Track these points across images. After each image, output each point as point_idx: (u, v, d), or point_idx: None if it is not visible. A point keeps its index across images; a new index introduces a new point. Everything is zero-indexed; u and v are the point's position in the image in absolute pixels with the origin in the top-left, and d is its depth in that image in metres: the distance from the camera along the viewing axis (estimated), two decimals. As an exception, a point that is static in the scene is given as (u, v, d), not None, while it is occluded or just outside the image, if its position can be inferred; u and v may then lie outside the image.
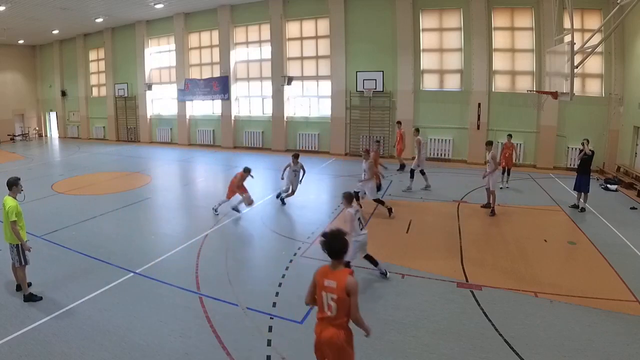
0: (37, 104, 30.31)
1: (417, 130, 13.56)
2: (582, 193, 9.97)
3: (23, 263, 5.66)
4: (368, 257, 6.34)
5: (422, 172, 12.30)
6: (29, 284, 5.84)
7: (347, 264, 5.58)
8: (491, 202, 9.86)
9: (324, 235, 3.51)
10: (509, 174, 12.69)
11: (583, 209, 9.95)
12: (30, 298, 5.64)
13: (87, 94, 27.47)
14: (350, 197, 6.06)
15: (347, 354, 3.34)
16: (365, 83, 17.57)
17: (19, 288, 5.83)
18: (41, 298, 5.68)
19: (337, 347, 3.30)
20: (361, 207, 7.67)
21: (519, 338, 4.79)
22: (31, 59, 29.57)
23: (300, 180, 10.63)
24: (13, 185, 5.75)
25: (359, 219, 6.08)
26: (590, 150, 9.96)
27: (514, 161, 13.20)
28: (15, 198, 5.70)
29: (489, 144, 10.34)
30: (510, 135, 12.84)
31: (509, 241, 8.01)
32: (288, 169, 10.41)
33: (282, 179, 10.52)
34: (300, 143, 19.91)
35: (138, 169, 16.34)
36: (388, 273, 6.42)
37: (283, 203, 10.59)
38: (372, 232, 8.50)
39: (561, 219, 9.46)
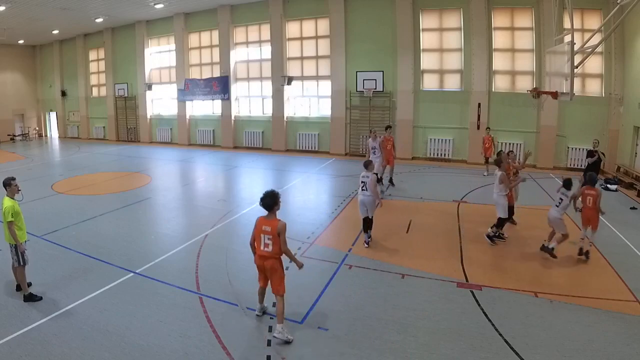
0: (37, 104, 30.32)
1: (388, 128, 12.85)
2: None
3: (22, 263, 5.66)
4: (369, 222, 7.82)
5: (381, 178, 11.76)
6: (29, 284, 5.84)
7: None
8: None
9: (263, 195, 4.93)
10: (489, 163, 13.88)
11: None
12: (30, 298, 5.64)
13: (87, 94, 27.47)
14: (369, 163, 7.91)
15: (281, 274, 4.98)
16: (365, 83, 17.57)
17: (18, 288, 5.83)
18: (41, 298, 5.68)
19: (275, 270, 4.88)
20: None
21: (519, 338, 4.79)
22: (31, 59, 29.58)
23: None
24: (7, 185, 5.73)
25: (363, 182, 7.67)
26: (602, 152, 9.97)
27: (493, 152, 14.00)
28: (12, 198, 5.69)
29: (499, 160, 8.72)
30: (488, 128, 14.58)
31: (509, 241, 8.01)
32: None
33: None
34: (300, 143, 19.91)
35: (138, 169, 16.33)
36: (368, 244, 7.74)
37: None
38: (372, 233, 8.51)
39: (561, 219, 9.44)
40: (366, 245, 7.76)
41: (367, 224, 7.79)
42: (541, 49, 14.90)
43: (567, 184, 7.21)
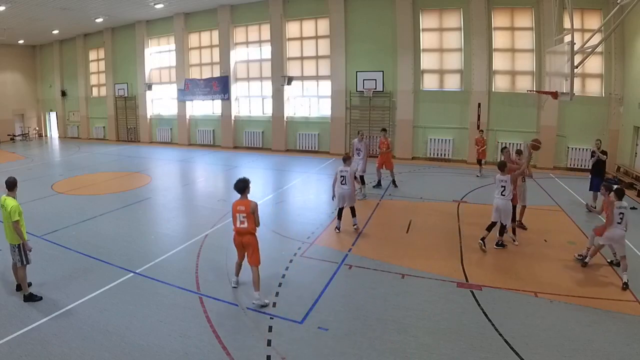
0: (37, 104, 30.31)
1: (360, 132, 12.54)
2: (598, 193, 9.98)
3: (25, 263, 5.67)
4: (352, 210, 8.53)
5: (362, 178, 11.53)
6: (29, 284, 5.84)
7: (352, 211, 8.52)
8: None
9: (235, 181, 5.78)
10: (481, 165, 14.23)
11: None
12: (31, 298, 5.64)
13: (87, 94, 27.47)
14: (348, 159, 8.53)
15: (256, 247, 5.70)
16: (365, 83, 17.57)
17: (19, 288, 5.83)
18: (41, 298, 5.69)
19: (251, 244, 5.66)
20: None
21: (519, 338, 4.79)
22: (31, 59, 29.58)
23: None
24: (14, 185, 5.77)
25: (342, 176, 8.26)
26: (602, 151, 10.00)
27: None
28: (14, 198, 5.71)
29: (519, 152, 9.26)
30: (481, 130, 14.64)
31: (509, 241, 8.00)
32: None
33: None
34: (300, 143, 19.90)
35: (138, 169, 16.33)
36: (358, 228, 8.48)
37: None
38: (372, 233, 8.54)
39: (561, 219, 9.46)
40: (337, 230, 8.45)
41: (352, 212, 8.57)
42: (541, 49, 14.90)
43: (620, 195, 6.41)
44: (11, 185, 5.78)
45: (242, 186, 5.72)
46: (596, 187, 9.87)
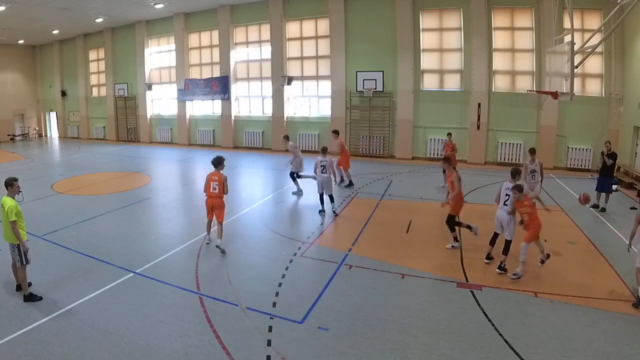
0: (37, 104, 30.31)
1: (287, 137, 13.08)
2: (604, 193, 10.04)
3: (24, 263, 5.66)
4: (330, 197, 9.67)
5: (298, 176, 12.04)
6: (29, 284, 5.84)
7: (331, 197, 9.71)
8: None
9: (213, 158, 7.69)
10: None
11: (604, 209, 10.00)
12: (30, 298, 5.64)
13: (87, 94, 27.47)
14: (324, 149, 10.06)
15: (223, 208, 7.67)
16: (365, 83, 17.57)
17: (19, 288, 5.83)
18: (41, 298, 5.68)
19: (220, 206, 7.58)
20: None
21: (519, 338, 4.79)
22: (31, 59, 29.57)
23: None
24: (9, 185, 5.73)
25: (322, 165, 9.56)
26: (611, 153, 10.02)
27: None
28: (13, 198, 5.69)
29: (533, 151, 9.48)
30: (450, 134, 13.50)
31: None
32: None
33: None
34: (301, 143, 19.87)
35: (138, 169, 16.33)
36: (336, 213, 9.50)
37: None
38: (372, 233, 8.54)
39: (561, 219, 9.45)
40: (332, 214, 9.59)
41: (330, 199, 9.68)
42: (541, 49, 14.89)
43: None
44: (6, 184, 5.74)
45: (217, 162, 7.64)
46: (604, 187, 10.04)
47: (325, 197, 9.69)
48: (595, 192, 10.21)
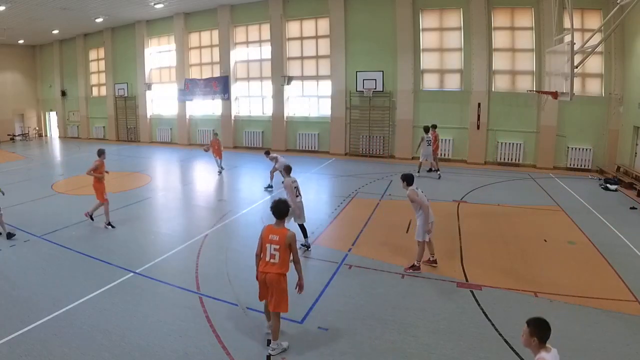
0: (37, 104, 30.32)
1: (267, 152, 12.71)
2: None
3: None
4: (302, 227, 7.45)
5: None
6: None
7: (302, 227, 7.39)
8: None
9: (273, 202, 4.67)
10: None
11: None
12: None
13: (87, 94, 27.47)
14: (288, 169, 7.88)
15: (282, 294, 4.51)
16: (365, 83, 17.57)
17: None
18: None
19: (277, 288, 4.48)
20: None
21: (519, 338, 4.75)
22: (31, 59, 29.58)
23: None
24: None
25: (295, 187, 7.41)
26: None
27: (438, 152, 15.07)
28: None
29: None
30: (434, 125, 14.54)
31: (509, 241, 8.01)
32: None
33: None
34: (300, 143, 19.91)
35: (138, 169, 16.33)
36: (310, 247, 7.46)
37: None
38: (372, 233, 8.53)
39: (561, 219, 9.45)
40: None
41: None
42: (541, 49, 14.89)
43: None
44: None
45: (284, 210, 4.71)
46: None
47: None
48: None
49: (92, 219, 9.08)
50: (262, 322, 5.16)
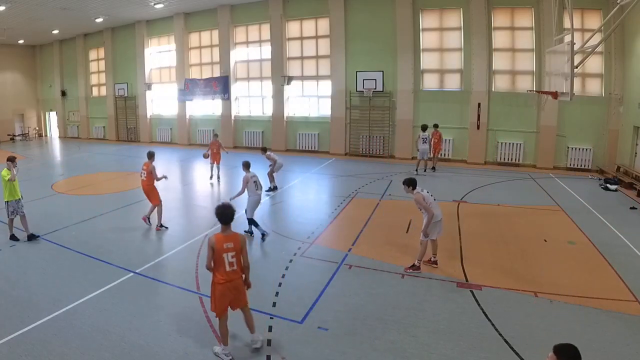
0: (37, 104, 30.32)
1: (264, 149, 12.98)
2: None
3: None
4: (252, 221, 8.12)
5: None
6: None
7: (252, 222, 8.13)
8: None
9: (219, 208, 4.46)
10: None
11: None
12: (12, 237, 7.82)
13: (87, 94, 27.48)
14: (247, 164, 8.34)
15: (244, 289, 4.55)
16: (365, 83, 17.57)
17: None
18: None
19: (242, 288, 4.53)
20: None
21: (519, 338, 4.79)
22: (31, 59, 29.58)
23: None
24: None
25: (255, 182, 8.03)
26: None
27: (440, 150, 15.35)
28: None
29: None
30: (436, 125, 15.02)
31: (509, 241, 8.01)
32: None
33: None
34: (300, 143, 19.91)
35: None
36: (267, 235, 8.12)
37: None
38: (372, 233, 8.53)
39: (561, 219, 9.45)
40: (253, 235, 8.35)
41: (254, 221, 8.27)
42: (541, 49, 14.89)
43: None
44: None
45: (231, 215, 4.48)
46: None
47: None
48: None
49: (149, 222, 8.96)
50: (262, 322, 5.16)
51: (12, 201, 7.83)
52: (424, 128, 14.36)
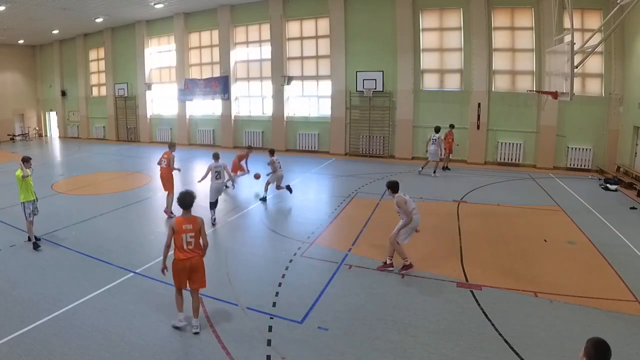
0: (37, 104, 30.32)
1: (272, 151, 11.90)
2: None
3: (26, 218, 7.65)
4: (214, 204, 9.08)
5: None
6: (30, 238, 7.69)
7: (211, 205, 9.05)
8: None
9: (180, 194, 5.11)
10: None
11: None
12: (34, 245, 7.52)
13: (87, 94, 27.47)
14: (216, 155, 9.40)
15: (203, 270, 5.06)
16: (365, 83, 17.57)
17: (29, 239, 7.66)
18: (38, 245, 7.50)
19: (201, 267, 5.02)
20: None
21: (519, 338, 4.79)
22: (31, 59, 29.57)
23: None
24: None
25: (217, 172, 9.02)
26: None
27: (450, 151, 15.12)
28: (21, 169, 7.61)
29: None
30: (452, 125, 15.17)
31: (509, 241, 8.01)
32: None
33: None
34: (300, 143, 19.91)
35: (138, 169, 16.33)
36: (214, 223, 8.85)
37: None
38: (372, 233, 8.53)
39: (561, 219, 9.45)
40: (213, 223, 8.92)
41: (215, 205, 9.14)
42: (541, 49, 14.89)
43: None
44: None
45: (190, 202, 5.10)
46: None
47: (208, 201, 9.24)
48: None
49: (172, 214, 9.24)
50: (262, 322, 5.16)
51: (29, 202, 7.73)
52: (437, 130, 14.22)
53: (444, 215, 9.73)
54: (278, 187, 11.26)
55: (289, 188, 11.35)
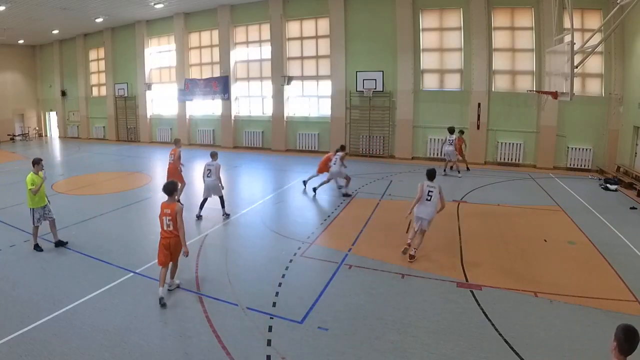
0: (37, 104, 30.32)
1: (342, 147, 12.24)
2: None
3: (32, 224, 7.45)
4: (221, 199, 9.46)
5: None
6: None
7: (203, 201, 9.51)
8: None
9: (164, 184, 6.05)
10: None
11: None
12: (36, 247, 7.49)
13: (87, 94, 27.48)
14: (213, 154, 9.57)
15: (180, 248, 5.76)
16: (365, 83, 17.58)
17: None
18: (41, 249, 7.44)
19: (179, 246, 5.76)
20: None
21: (519, 338, 4.79)
22: (31, 59, 29.58)
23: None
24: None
25: (208, 169, 9.27)
26: None
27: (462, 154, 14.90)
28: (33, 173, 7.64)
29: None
30: (462, 132, 14.95)
31: (509, 241, 8.01)
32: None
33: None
34: (300, 143, 19.91)
35: (138, 168, 16.33)
36: (229, 215, 9.41)
37: None
38: (372, 233, 8.53)
39: (561, 219, 9.45)
40: (198, 217, 9.42)
41: (220, 201, 9.49)
42: (541, 49, 14.90)
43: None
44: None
45: (170, 189, 5.93)
46: None
47: (212, 200, 9.51)
48: None
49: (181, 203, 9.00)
50: (262, 322, 5.17)
51: (39, 208, 7.64)
52: (451, 131, 14.17)
53: (444, 215, 9.68)
54: (339, 187, 11.71)
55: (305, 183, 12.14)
